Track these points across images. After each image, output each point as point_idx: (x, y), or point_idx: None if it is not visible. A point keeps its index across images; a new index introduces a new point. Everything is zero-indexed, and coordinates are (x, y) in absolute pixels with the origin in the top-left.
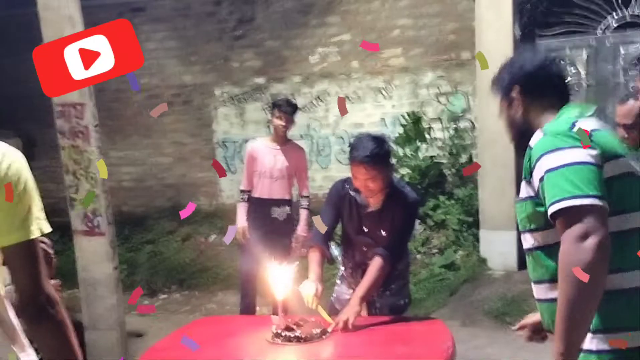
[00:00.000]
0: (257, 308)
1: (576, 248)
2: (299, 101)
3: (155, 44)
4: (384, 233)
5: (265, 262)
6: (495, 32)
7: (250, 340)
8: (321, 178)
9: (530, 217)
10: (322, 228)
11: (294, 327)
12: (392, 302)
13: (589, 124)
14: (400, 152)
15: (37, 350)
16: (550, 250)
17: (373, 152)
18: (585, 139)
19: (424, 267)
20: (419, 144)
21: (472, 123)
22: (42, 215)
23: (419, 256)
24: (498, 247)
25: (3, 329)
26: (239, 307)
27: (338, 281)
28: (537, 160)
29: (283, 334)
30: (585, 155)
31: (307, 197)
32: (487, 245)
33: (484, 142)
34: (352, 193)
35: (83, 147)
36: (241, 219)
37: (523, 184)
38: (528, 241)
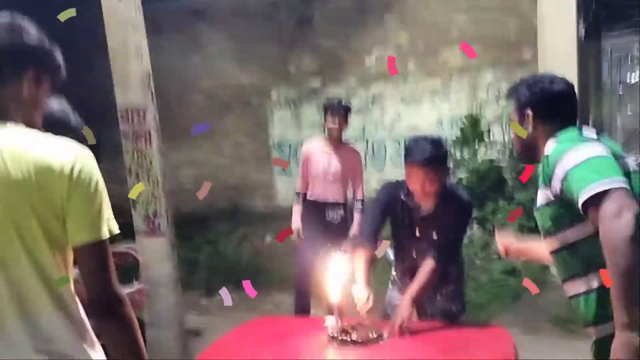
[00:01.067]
0: (312, 311)
1: (614, 225)
2: (355, 103)
3: (216, 47)
4: (435, 237)
5: (320, 263)
6: (558, 31)
7: (307, 342)
8: (376, 181)
9: (553, 220)
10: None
11: (350, 330)
12: (444, 307)
13: (592, 131)
14: (458, 154)
15: (104, 348)
16: (575, 247)
17: (430, 155)
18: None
19: (483, 272)
20: (477, 146)
21: None
22: (111, 215)
23: (478, 261)
24: None
25: (73, 326)
26: (294, 308)
27: (390, 286)
28: (557, 162)
29: (340, 337)
30: (602, 149)
31: (362, 200)
32: None
33: None
34: (403, 197)
35: (145, 150)
36: (296, 220)
37: (541, 191)
38: (554, 244)
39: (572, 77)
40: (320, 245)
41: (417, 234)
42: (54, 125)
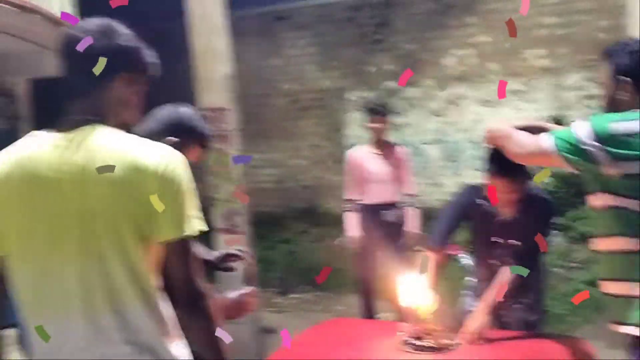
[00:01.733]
0: (379, 315)
1: None
2: (432, 105)
3: (298, 51)
4: (516, 243)
5: (382, 266)
6: None
7: (380, 345)
8: (452, 184)
9: None
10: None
11: (424, 335)
12: (522, 317)
13: (630, 125)
14: None
15: (189, 343)
16: None
17: (514, 166)
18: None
19: (564, 281)
20: None
21: None
22: (198, 214)
23: (558, 270)
24: None
25: (157, 320)
26: (360, 312)
27: (467, 292)
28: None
29: (414, 342)
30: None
31: (413, 195)
32: None
33: None
34: (481, 202)
35: (225, 150)
36: (352, 227)
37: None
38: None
39: None
40: (380, 247)
41: (496, 239)
42: (191, 132)
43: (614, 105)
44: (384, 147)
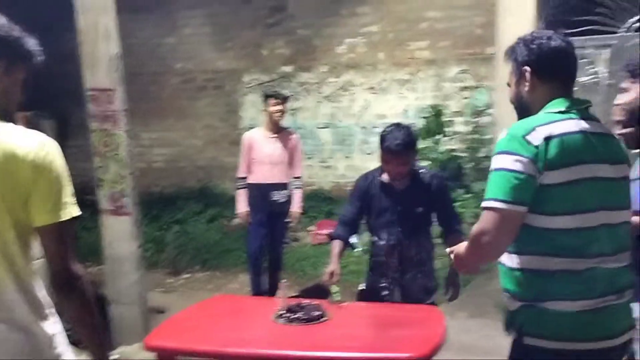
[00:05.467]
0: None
1: (470, 244)
2: (325, 90)
3: (192, 30)
4: (418, 210)
5: (270, 242)
6: (516, 29)
7: (256, 319)
8: (344, 167)
9: None
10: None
11: (296, 309)
12: (424, 283)
13: (555, 128)
14: (421, 144)
15: (66, 321)
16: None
17: (404, 141)
18: (526, 149)
19: (438, 258)
20: (439, 136)
21: (494, 118)
22: (73, 200)
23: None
24: None
25: (30, 301)
26: (251, 288)
27: (369, 272)
28: (492, 157)
29: (285, 314)
30: (512, 162)
31: (300, 177)
32: None
33: None
34: (379, 178)
35: (112, 130)
36: (242, 204)
37: None
38: None
39: None
40: (267, 224)
41: (399, 207)
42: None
43: (522, 103)
44: (279, 131)
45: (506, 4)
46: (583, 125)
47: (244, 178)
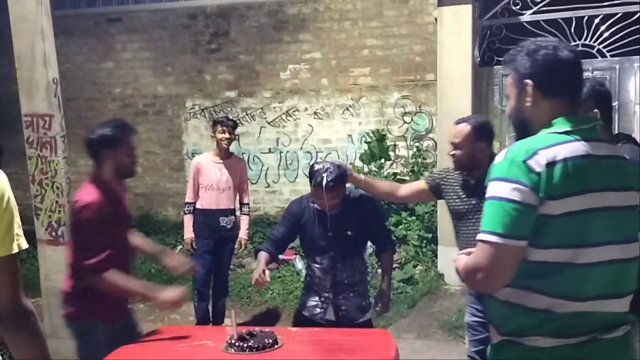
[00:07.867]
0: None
1: (464, 276)
2: (269, 115)
3: (131, 54)
4: (350, 233)
5: (215, 268)
6: (457, 56)
7: (205, 350)
8: (289, 192)
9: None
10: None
11: (247, 337)
12: (357, 303)
13: (559, 151)
14: (365, 168)
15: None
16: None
17: (333, 178)
18: (527, 176)
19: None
20: (382, 161)
21: (435, 142)
22: (21, 232)
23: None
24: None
25: None
26: (195, 315)
27: (304, 291)
28: (489, 182)
29: (236, 343)
30: (511, 191)
31: (247, 204)
32: (445, 260)
33: (445, 161)
34: (312, 205)
35: (50, 157)
36: (188, 230)
37: None
38: None
39: (468, 100)
40: (214, 250)
41: (331, 233)
42: None
43: (522, 119)
44: (227, 158)
45: (444, 33)
46: (590, 147)
47: (192, 204)
